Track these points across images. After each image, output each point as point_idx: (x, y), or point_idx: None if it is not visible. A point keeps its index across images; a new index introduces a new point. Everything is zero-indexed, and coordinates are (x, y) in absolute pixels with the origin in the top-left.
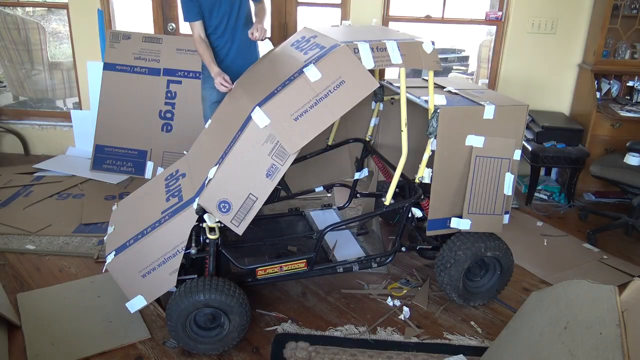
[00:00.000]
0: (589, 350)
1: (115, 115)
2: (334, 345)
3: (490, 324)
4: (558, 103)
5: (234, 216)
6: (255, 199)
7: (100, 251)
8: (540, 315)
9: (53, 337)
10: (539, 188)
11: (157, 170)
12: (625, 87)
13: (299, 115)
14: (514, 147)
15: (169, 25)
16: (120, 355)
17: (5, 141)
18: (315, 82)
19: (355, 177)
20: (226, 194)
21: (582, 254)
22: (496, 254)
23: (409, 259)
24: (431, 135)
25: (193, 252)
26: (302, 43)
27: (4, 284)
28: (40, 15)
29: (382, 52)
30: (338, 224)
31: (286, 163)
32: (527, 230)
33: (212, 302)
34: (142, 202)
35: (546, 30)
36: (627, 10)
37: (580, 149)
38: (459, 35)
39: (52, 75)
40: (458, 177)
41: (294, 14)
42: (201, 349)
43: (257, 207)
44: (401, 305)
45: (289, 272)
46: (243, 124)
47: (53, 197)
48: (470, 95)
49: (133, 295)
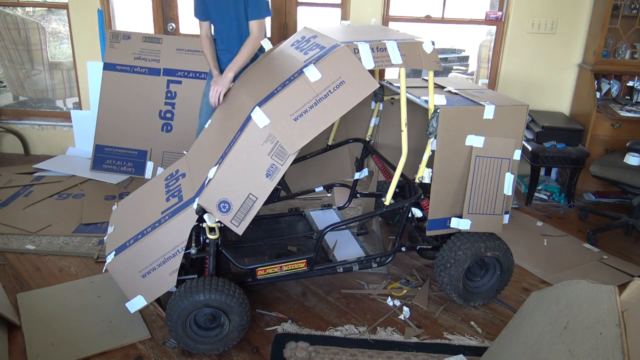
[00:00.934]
0: (589, 350)
1: (115, 115)
2: (334, 345)
3: (490, 324)
4: (558, 103)
5: (234, 216)
6: (255, 199)
7: (100, 251)
8: (540, 315)
9: (53, 337)
10: (539, 188)
11: (157, 170)
12: (625, 87)
13: (298, 115)
14: (514, 147)
15: (169, 25)
16: (120, 355)
17: (5, 141)
18: (315, 82)
19: (355, 177)
20: (226, 194)
21: (582, 254)
22: (496, 254)
23: (409, 259)
24: (431, 135)
25: (193, 252)
26: (302, 43)
27: (4, 284)
28: (40, 15)
29: (382, 52)
30: (338, 224)
31: (286, 163)
32: (527, 230)
33: (212, 302)
34: (142, 202)
35: (546, 30)
36: (627, 10)
37: (580, 149)
38: (459, 35)
39: (52, 75)
40: (458, 177)
41: (294, 14)
42: (201, 349)
43: (257, 207)
44: (401, 305)
45: (289, 272)
46: (243, 123)
47: (53, 197)
48: (470, 95)
49: (133, 295)
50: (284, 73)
